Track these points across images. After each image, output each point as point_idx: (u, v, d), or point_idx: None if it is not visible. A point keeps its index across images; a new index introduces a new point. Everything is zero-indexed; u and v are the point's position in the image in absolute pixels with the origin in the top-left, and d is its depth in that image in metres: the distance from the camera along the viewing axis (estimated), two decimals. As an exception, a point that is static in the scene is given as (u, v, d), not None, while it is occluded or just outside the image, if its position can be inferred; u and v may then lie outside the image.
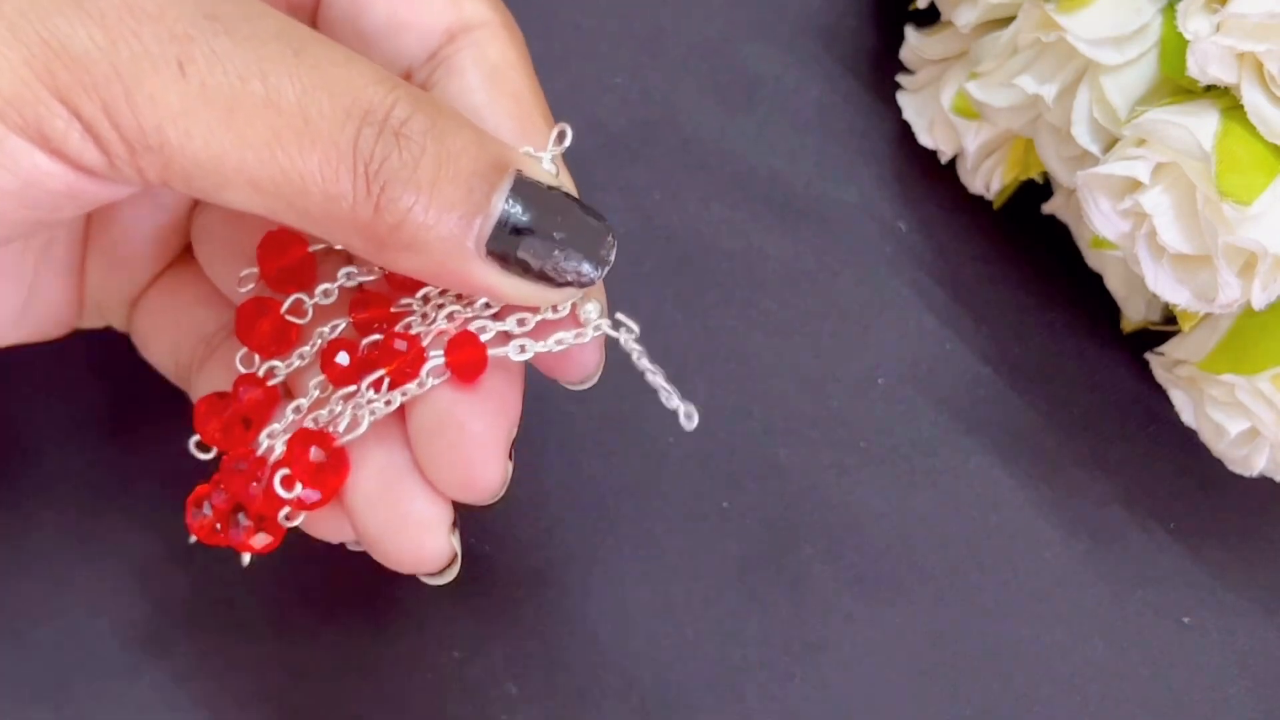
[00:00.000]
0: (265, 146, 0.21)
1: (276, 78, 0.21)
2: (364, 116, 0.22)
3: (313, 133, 0.21)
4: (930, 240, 0.36)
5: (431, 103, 0.23)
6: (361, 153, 0.22)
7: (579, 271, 0.23)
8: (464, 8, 0.26)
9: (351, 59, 0.22)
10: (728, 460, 0.33)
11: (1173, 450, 0.34)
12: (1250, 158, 0.27)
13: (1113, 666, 0.31)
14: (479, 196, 0.22)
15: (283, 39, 0.22)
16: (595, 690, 0.30)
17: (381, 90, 0.22)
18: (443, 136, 0.22)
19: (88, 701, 0.30)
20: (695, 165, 0.37)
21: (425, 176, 0.22)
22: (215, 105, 0.21)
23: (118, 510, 0.31)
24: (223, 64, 0.21)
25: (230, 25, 0.21)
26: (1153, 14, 0.29)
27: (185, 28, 0.21)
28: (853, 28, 0.39)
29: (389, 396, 0.24)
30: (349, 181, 0.22)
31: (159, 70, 0.21)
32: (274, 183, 0.22)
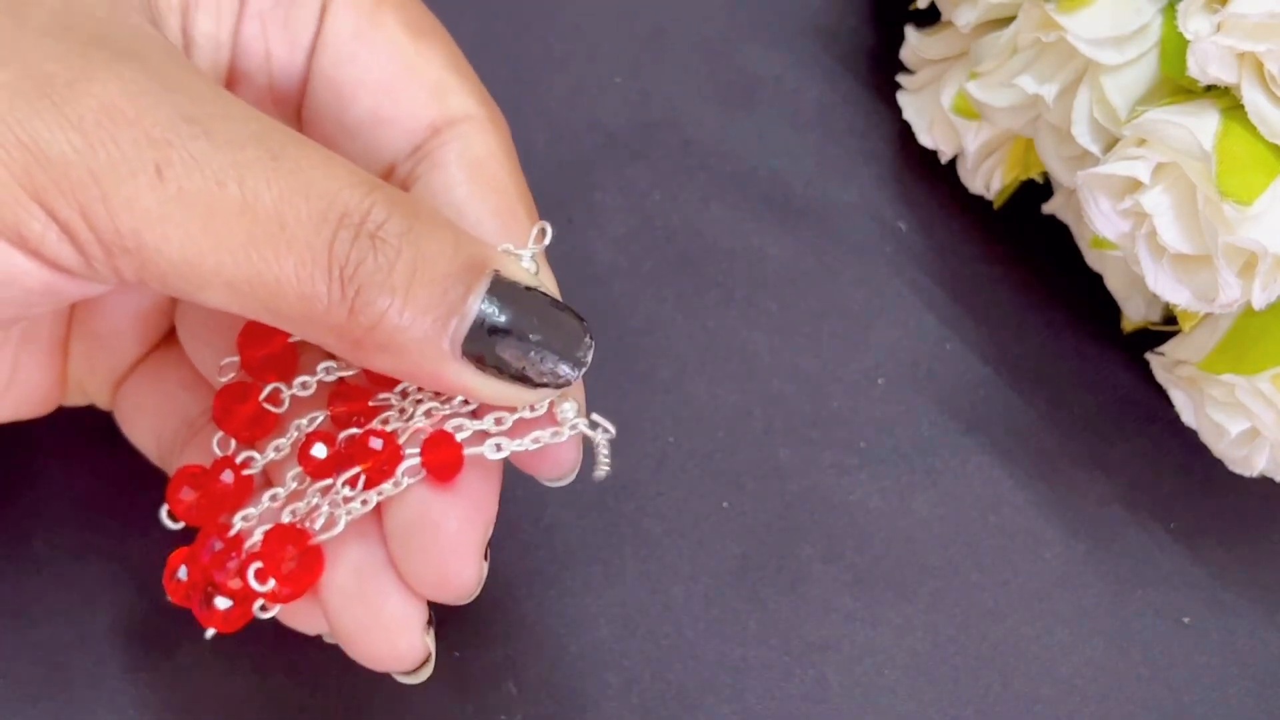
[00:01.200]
0: (241, 250, 0.21)
1: (254, 181, 0.21)
2: (340, 220, 0.22)
3: (289, 237, 0.21)
4: (930, 240, 0.36)
5: (409, 204, 0.23)
6: (337, 256, 0.22)
7: (555, 373, 0.23)
8: (448, 102, 0.26)
9: (330, 161, 0.22)
10: (728, 460, 0.33)
11: (1173, 450, 0.34)
12: (1250, 158, 0.27)
13: (1113, 666, 0.31)
14: (454, 299, 0.22)
15: (261, 142, 0.22)
16: (595, 690, 0.30)
17: (359, 193, 0.22)
18: (419, 239, 0.22)
19: (88, 701, 0.30)
20: (695, 165, 0.37)
21: (400, 280, 0.22)
22: (192, 209, 0.21)
23: (118, 510, 0.31)
24: (200, 168, 0.21)
25: (209, 128, 0.21)
26: (1153, 14, 0.29)
27: (163, 132, 0.21)
28: (853, 28, 0.39)
29: (365, 496, 0.24)
30: (324, 284, 0.22)
31: (136, 175, 0.21)
32: (250, 285, 0.22)
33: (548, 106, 0.37)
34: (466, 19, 0.38)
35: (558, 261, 0.35)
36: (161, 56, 0.22)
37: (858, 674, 0.31)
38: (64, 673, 0.30)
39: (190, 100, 0.21)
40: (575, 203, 0.36)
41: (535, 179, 0.36)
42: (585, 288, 0.35)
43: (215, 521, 0.26)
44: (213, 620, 0.25)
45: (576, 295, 0.35)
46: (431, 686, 0.30)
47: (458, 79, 0.27)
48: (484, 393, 0.24)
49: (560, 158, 0.36)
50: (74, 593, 0.30)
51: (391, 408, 0.25)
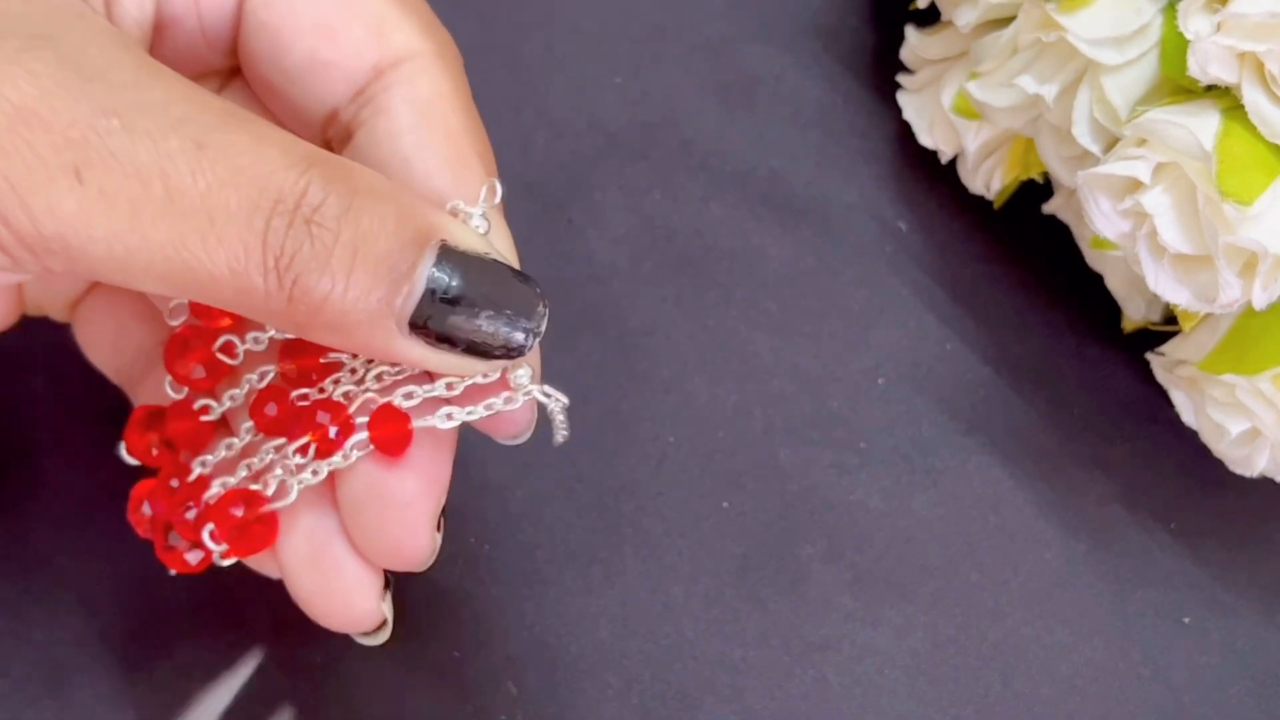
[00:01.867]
0: (170, 246, 0.21)
1: (178, 176, 0.20)
2: (273, 206, 0.21)
3: (219, 231, 0.21)
4: (930, 240, 0.36)
5: (347, 178, 0.22)
6: (271, 247, 0.21)
7: (509, 342, 0.23)
8: (391, 41, 0.25)
9: (262, 139, 0.21)
10: (728, 460, 0.33)
11: (1173, 450, 0.34)
12: (1251, 158, 0.27)
13: (1113, 666, 0.31)
14: (399, 275, 0.22)
15: (185, 129, 0.21)
16: (595, 690, 0.30)
17: (293, 174, 0.21)
18: (358, 217, 0.21)
19: (88, 701, 0.30)
20: (695, 165, 0.37)
21: (340, 264, 0.21)
22: (116, 209, 0.20)
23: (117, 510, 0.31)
24: (121, 166, 0.20)
25: (129, 120, 0.20)
26: (1153, 14, 0.29)
27: (82, 131, 0.20)
28: (853, 28, 0.39)
29: (315, 466, 0.24)
30: (259, 276, 0.21)
31: (55, 180, 0.20)
32: (183, 278, 0.21)
33: (548, 106, 0.37)
34: (466, 19, 0.38)
35: (557, 261, 0.35)
36: (78, 33, 0.21)
37: (858, 674, 0.31)
38: (64, 673, 0.30)
39: (108, 89, 0.20)
40: (575, 203, 0.36)
41: (535, 179, 0.36)
42: (585, 288, 0.35)
43: (174, 461, 0.25)
44: (173, 562, 0.25)
45: (576, 295, 0.35)
46: (432, 686, 0.30)
47: (401, 12, 0.25)
48: (435, 365, 0.23)
49: (560, 158, 0.36)
50: (74, 593, 0.30)
51: (343, 366, 0.25)
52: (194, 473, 0.25)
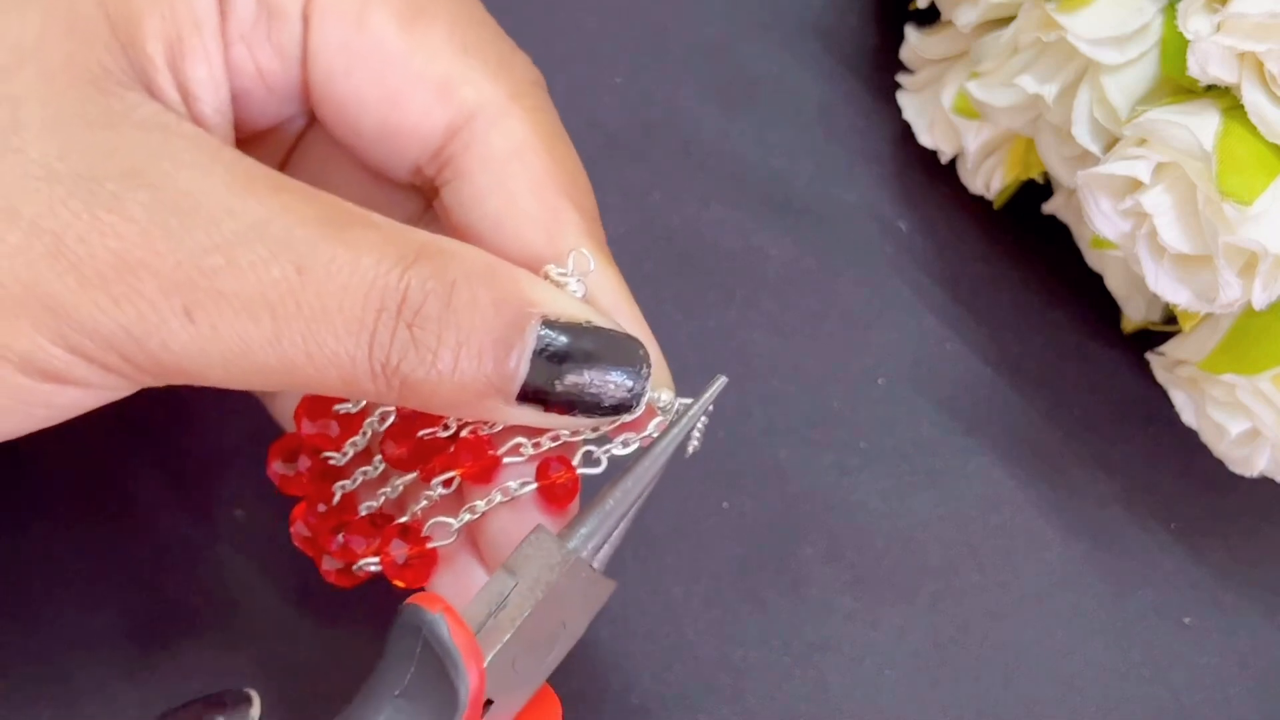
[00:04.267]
0: (284, 370, 0.22)
1: (283, 307, 0.21)
2: (378, 316, 0.22)
3: (325, 356, 0.22)
4: (930, 240, 0.36)
5: (444, 268, 0.22)
6: (376, 356, 0.22)
7: (616, 396, 0.23)
8: (460, 97, 0.25)
9: (360, 240, 0.22)
10: (728, 460, 0.33)
11: (1174, 450, 0.34)
12: (1251, 157, 0.27)
13: (1113, 666, 0.31)
14: (501, 359, 0.22)
15: (286, 254, 0.21)
16: (595, 690, 0.30)
17: (393, 277, 0.22)
18: (459, 313, 0.22)
19: (88, 701, 0.30)
20: (695, 165, 0.37)
21: (444, 364, 0.22)
22: (229, 343, 0.21)
23: (118, 510, 0.31)
24: (230, 303, 0.21)
25: (231, 255, 0.21)
26: (1153, 14, 0.29)
27: (187, 272, 0.21)
28: (853, 28, 0.39)
29: (473, 504, 0.25)
30: (369, 381, 0.22)
31: (167, 320, 0.21)
32: (297, 387, 0.22)
33: (548, 106, 0.37)
34: (466, 19, 0.38)
35: (558, 261, 0.35)
36: (167, 159, 0.21)
37: (858, 674, 0.31)
38: (64, 673, 0.30)
39: (207, 225, 0.21)
40: (575, 203, 0.36)
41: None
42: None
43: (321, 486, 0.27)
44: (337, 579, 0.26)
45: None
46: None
47: (464, 64, 0.25)
48: (548, 424, 0.24)
49: (560, 158, 0.36)
50: (74, 593, 0.30)
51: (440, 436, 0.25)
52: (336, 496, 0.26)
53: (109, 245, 0.20)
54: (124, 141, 0.21)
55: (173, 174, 0.21)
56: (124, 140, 0.21)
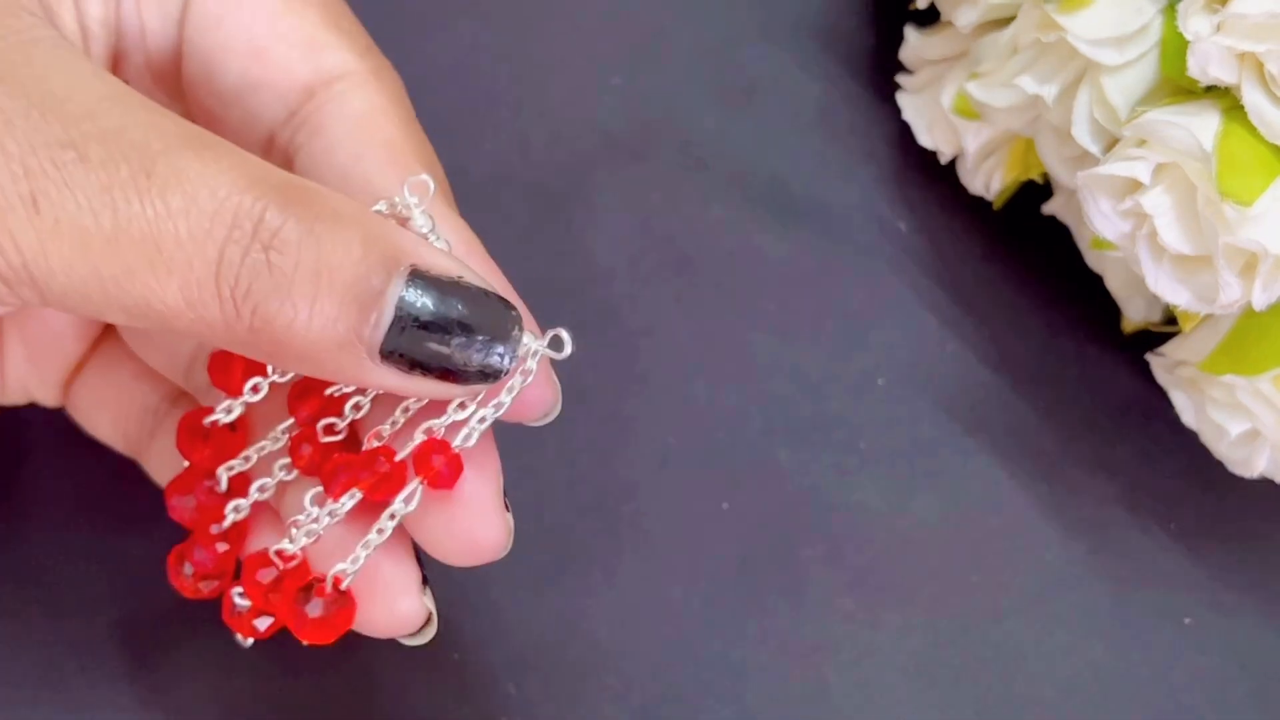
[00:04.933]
0: (124, 278, 0.20)
1: (127, 205, 0.20)
2: (227, 234, 0.20)
3: (167, 261, 0.20)
4: (930, 240, 0.36)
5: (309, 200, 0.21)
6: (225, 277, 0.20)
7: (484, 367, 0.22)
8: (323, 60, 0.25)
9: (219, 160, 0.21)
10: (728, 460, 0.33)
11: (1173, 451, 0.34)
12: (1251, 158, 0.27)
13: (1113, 667, 0.31)
14: (366, 302, 0.21)
15: (138, 156, 0.20)
16: (595, 690, 0.30)
17: (249, 197, 0.21)
18: (321, 242, 0.21)
19: (87, 701, 0.30)
20: (695, 165, 0.37)
21: (302, 292, 0.21)
22: (70, 240, 0.20)
23: (117, 509, 0.31)
24: (74, 196, 0.20)
25: (84, 151, 0.20)
26: (1153, 14, 0.29)
27: (40, 161, 0.20)
28: (853, 28, 0.39)
29: (381, 525, 0.24)
30: (215, 307, 0.21)
31: (14, 209, 0.20)
32: (141, 310, 0.21)
33: (548, 106, 0.37)
34: (466, 19, 0.38)
35: (557, 261, 0.35)
36: (40, 62, 0.21)
37: (858, 675, 0.31)
38: (64, 673, 0.30)
39: (67, 121, 0.20)
40: (575, 203, 0.36)
41: (535, 179, 0.36)
42: (585, 288, 0.35)
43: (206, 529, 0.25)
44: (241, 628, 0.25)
45: (576, 295, 0.35)
46: (432, 686, 0.30)
47: (334, 34, 0.25)
48: (412, 390, 0.22)
49: (560, 158, 0.36)
50: (74, 593, 0.30)
51: (349, 398, 0.24)
52: (227, 519, 0.25)
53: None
54: (8, 48, 0.21)
55: (48, 80, 0.21)
56: (8, 47, 0.21)
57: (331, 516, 0.24)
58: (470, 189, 0.35)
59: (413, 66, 0.37)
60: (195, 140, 0.21)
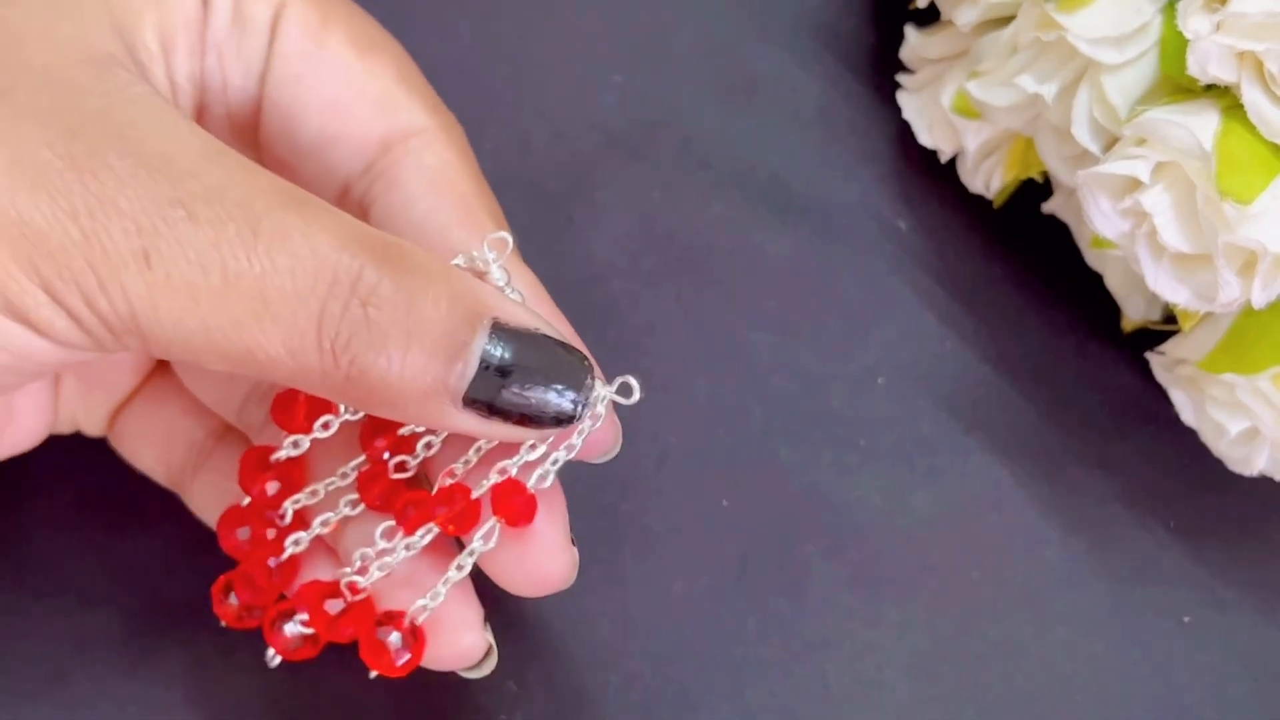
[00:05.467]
0: (230, 329, 0.22)
1: (235, 261, 0.21)
2: (329, 290, 0.22)
3: (273, 314, 0.22)
4: (930, 240, 0.36)
5: (400, 258, 0.22)
6: (326, 330, 0.22)
7: (558, 413, 0.23)
8: (398, 116, 0.26)
9: (319, 219, 0.22)
10: (728, 460, 0.33)
11: (1173, 449, 0.34)
12: (1250, 157, 0.27)
13: (1112, 665, 0.31)
14: (453, 353, 0.22)
15: (243, 216, 0.22)
16: (595, 690, 0.30)
17: (347, 255, 0.22)
18: (412, 299, 0.22)
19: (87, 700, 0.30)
20: (695, 165, 0.37)
21: (396, 344, 0.22)
22: (180, 294, 0.21)
23: (118, 509, 0.31)
24: (185, 253, 0.21)
25: (193, 209, 0.21)
26: (1153, 13, 0.29)
27: (151, 219, 0.21)
28: (853, 27, 0.39)
29: (460, 561, 0.25)
30: (315, 357, 0.22)
31: (128, 264, 0.21)
32: (243, 358, 0.22)
33: (548, 106, 0.37)
34: (466, 19, 0.38)
35: (558, 261, 0.35)
36: (146, 127, 0.22)
37: (858, 673, 0.31)
38: (64, 672, 0.30)
39: (173, 180, 0.22)
40: (575, 202, 0.36)
41: (535, 179, 0.36)
42: (585, 288, 0.35)
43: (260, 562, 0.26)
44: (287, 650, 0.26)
45: (577, 295, 0.35)
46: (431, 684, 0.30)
47: (406, 92, 0.27)
48: (489, 433, 0.24)
49: (560, 158, 0.36)
50: (74, 593, 0.30)
51: (420, 437, 0.26)
52: (287, 551, 0.26)
53: (86, 185, 0.21)
54: (112, 106, 0.22)
55: (151, 138, 0.22)
56: (112, 105, 0.22)
57: (408, 549, 0.25)
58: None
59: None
60: (294, 199, 0.22)
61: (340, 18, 0.27)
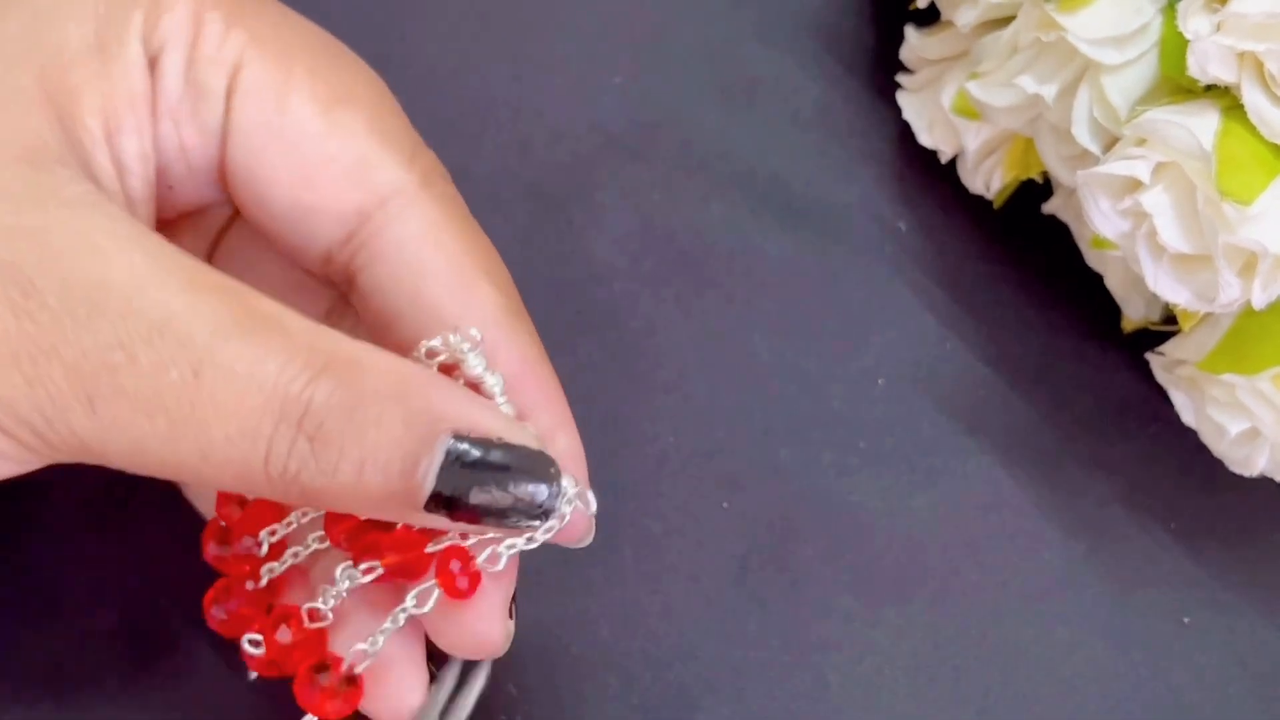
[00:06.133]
0: (180, 463, 0.22)
1: (178, 409, 0.21)
2: (275, 427, 0.22)
3: (219, 455, 0.22)
4: (930, 240, 0.36)
5: (353, 379, 0.22)
6: (274, 466, 0.22)
7: (522, 518, 0.23)
8: (373, 180, 0.25)
9: (266, 342, 0.22)
10: (728, 460, 0.33)
11: (1173, 450, 0.34)
12: (1250, 157, 0.27)
13: (1113, 666, 0.31)
14: (407, 474, 0.22)
15: (185, 357, 0.21)
16: (595, 690, 0.30)
17: (296, 384, 0.22)
18: (364, 428, 0.22)
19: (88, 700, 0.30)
20: (695, 165, 0.37)
21: (346, 474, 0.22)
22: (126, 435, 0.22)
23: (118, 508, 0.31)
24: (128, 400, 0.21)
25: (133, 351, 0.21)
26: (1153, 13, 0.29)
27: (92, 363, 0.21)
28: (853, 28, 0.39)
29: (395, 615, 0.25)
30: (265, 485, 0.22)
31: (72, 407, 0.21)
32: (195, 482, 0.23)
33: (548, 106, 0.37)
34: (466, 19, 0.38)
35: (557, 261, 0.35)
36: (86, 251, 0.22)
37: (858, 674, 0.31)
38: (64, 673, 0.30)
39: (113, 318, 0.21)
40: (575, 203, 0.36)
41: (535, 179, 0.36)
42: (585, 288, 0.35)
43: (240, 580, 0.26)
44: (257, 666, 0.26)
45: (576, 295, 0.35)
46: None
47: (381, 147, 0.25)
48: (455, 529, 0.24)
49: (560, 158, 0.36)
50: (74, 593, 0.30)
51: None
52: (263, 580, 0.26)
53: (25, 330, 0.21)
54: (49, 223, 0.22)
55: (89, 263, 0.22)
56: (49, 222, 0.22)
57: (350, 581, 0.25)
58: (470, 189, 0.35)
59: (414, 66, 0.37)
60: (241, 321, 0.22)
61: (303, 70, 0.25)
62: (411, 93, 0.37)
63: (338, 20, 0.37)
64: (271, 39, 0.25)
